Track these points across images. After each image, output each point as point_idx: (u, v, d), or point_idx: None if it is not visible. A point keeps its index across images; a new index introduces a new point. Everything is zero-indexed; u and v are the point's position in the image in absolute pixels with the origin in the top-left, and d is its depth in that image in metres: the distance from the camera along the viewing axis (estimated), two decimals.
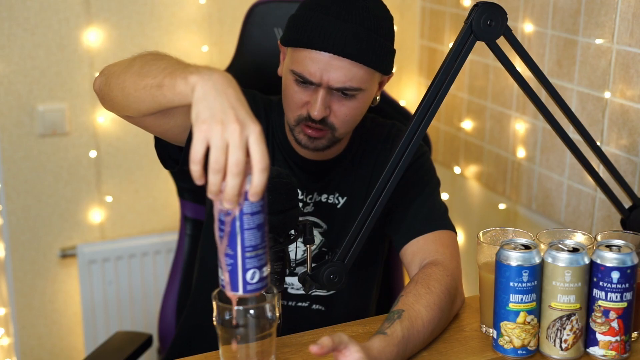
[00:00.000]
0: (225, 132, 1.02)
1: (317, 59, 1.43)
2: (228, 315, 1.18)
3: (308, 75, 1.44)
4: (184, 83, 1.10)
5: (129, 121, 1.40)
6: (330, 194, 1.61)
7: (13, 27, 2.25)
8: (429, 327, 1.34)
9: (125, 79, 1.26)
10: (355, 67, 1.43)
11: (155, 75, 1.19)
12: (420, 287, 1.39)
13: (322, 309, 1.62)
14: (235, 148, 1.02)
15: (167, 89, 1.15)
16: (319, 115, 1.45)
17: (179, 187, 1.96)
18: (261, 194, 1.05)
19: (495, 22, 1.38)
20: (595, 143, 1.54)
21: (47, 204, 2.40)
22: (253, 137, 1.03)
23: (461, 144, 2.55)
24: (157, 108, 1.24)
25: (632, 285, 1.29)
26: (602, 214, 1.97)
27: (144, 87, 1.21)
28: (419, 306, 1.35)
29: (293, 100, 1.48)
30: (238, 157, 1.02)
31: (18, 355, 2.44)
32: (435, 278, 1.41)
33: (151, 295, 2.54)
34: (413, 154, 1.40)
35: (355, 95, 1.46)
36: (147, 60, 1.25)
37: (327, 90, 1.45)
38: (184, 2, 2.42)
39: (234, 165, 1.02)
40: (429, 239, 1.52)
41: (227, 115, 1.04)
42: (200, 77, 1.08)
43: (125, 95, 1.28)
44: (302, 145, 1.51)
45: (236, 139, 1.02)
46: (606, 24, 1.89)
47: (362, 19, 1.43)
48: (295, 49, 1.46)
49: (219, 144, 1.02)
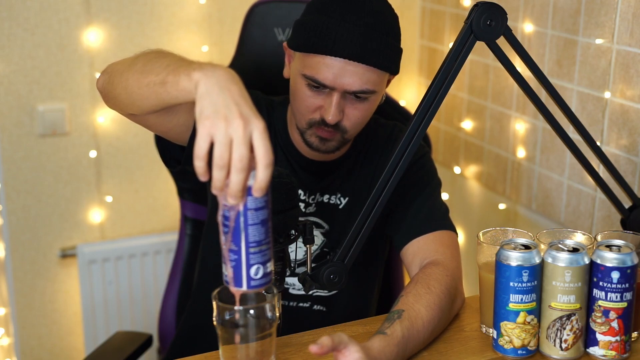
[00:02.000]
0: (229, 127, 1.03)
1: (332, 65, 1.42)
2: (228, 315, 1.18)
3: (322, 80, 1.43)
4: (187, 80, 1.11)
5: (132, 119, 1.40)
6: (332, 195, 1.61)
7: (13, 27, 2.25)
8: (429, 327, 1.34)
9: (129, 77, 1.26)
10: (369, 71, 1.43)
11: (158, 72, 1.19)
12: (421, 287, 1.39)
13: (323, 309, 1.62)
14: (239, 144, 1.02)
15: (170, 86, 1.15)
16: (334, 120, 1.45)
17: (179, 187, 1.96)
18: (265, 190, 1.05)
19: (495, 22, 1.38)
20: (595, 143, 1.54)
21: (47, 204, 2.40)
22: (257, 132, 1.04)
23: (461, 144, 2.55)
24: (161, 105, 1.24)
25: (632, 285, 1.29)
26: (602, 214, 1.97)
27: (147, 84, 1.21)
28: (419, 306, 1.35)
29: (305, 104, 1.48)
30: (242, 153, 1.02)
31: (18, 355, 2.44)
32: (435, 278, 1.41)
33: (151, 295, 2.54)
34: (413, 154, 1.40)
35: (368, 97, 1.46)
36: (150, 58, 1.25)
37: (342, 94, 1.45)
38: (184, 2, 2.42)
39: (238, 160, 1.02)
40: (429, 239, 1.52)
41: (230, 111, 1.04)
42: (203, 74, 1.08)
43: (128, 93, 1.28)
44: (313, 147, 1.51)
45: (240, 134, 1.02)
46: (606, 24, 1.89)
47: (373, 21, 1.43)
48: (308, 55, 1.45)
49: (223, 139, 1.02)
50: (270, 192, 1.10)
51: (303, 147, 1.57)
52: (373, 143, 1.63)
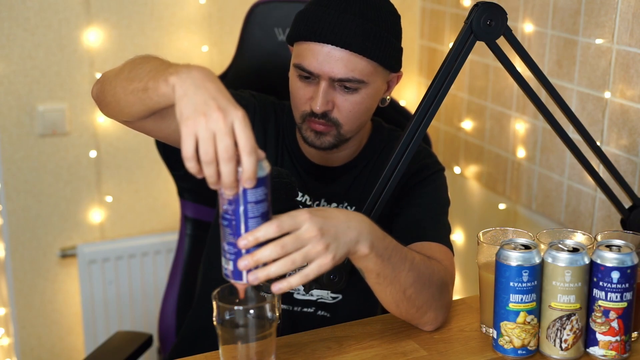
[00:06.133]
0: (210, 122, 1.05)
1: (318, 51, 1.43)
2: (228, 315, 1.18)
3: (307, 66, 1.44)
4: (165, 85, 1.14)
5: (129, 126, 1.42)
6: (339, 204, 1.59)
7: (13, 27, 2.25)
8: (414, 270, 1.31)
9: (117, 85, 1.29)
10: (355, 58, 1.42)
11: (141, 78, 1.22)
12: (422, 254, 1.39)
13: (327, 315, 1.60)
14: (221, 135, 1.05)
15: (152, 92, 1.18)
16: (321, 109, 1.44)
17: (179, 187, 1.96)
18: (254, 178, 1.07)
19: (495, 22, 1.38)
20: (595, 143, 1.54)
21: (47, 204, 2.40)
22: (237, 122, 1.06)
23: (461, 144, 2.55)
24: (147, 111, 1.27)
25: (632, 285, 1.29)
26: (602, 214, 1.97)
27: (132, 91, 1.24)
28: (416, 254, 1.35)
29: (297, 96, 1.48)
30: (226, 144, 1.05)
31: (18, 355, 2.44)
32: (435, 262, 1.40)
33: (151, 295, 2.54)
34: (413, 154, 1.39)
35: (358, 89, 1.45)
36: (135, 64, 1.28)
37: (329, 83, 1.44)
38: (184, 2, 2.42)
39: (224, 151, 1.05)
40: (432, 246, 1.47)
41: (208, 106, 1.07)
42: (178, 77, 1.11)
43: (117, 101, 1.31)
44: (308, 142, 1.50)
45: (221, 126, 1.05)
46: (606, 24, 1.89)
47: (363, 11, 1.43)
48: (298, 44, 1.47)
49: (205, 135, 1.05)
50: (269, 185, 1.11)
51: (309, 151, 1.57)
52: (384, 153, 1.61)
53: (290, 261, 1.12)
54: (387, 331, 1.42)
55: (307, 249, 1.13)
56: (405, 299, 1.33)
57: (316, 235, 1.14)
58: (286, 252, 1.12)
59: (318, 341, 1.38)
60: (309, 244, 1.14)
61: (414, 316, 1.38)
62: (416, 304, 1.35)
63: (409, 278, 1.31)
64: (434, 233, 1.49)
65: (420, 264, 1.33)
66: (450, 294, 1.43)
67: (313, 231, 1.14)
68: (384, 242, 1.26)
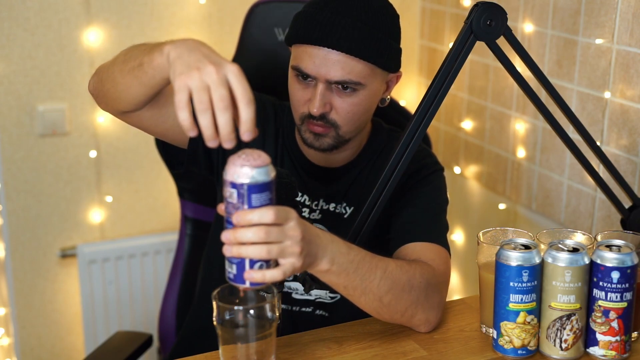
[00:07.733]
0: (203, 75, 1.06)
1: (314, 54, 1.43)
2: (228, 315, 1.18)
3: (305, 68, 1.44)
4: (160, 55, 1.16)
5: (127, 121, 1.42)
6: (338, 204, 1.59)
7: (13, 27, 2.25)
8: (387, 278, 1.29)
9: (114, 70, 1.31)
10: (352, 60, 1.42)
11: (136, 57, 1.24)
12: (402, 260, 1.38)
13: (326, 314, 1.60)
14: (216, 86, 1.06)
15: (147, 66, 1.20)
16: (318, 111, 1.44)
17: (179, 187, 1.96)
18: (252, 128, 1.07)
19: (495, 22, 1.38)
20: (595, 143, 1.54)
21: (47, 204, 2.40)
22: (231, 74, 1.07)
23: (461, 144, 2.55)
24: (145, 91, 1.27)
25: (632, 285, 1.29)
26: (602, 214, 1.97)
27: (129, 70, 1.26)
28: (392, 261, 1.33)
29: (296, 97, 1.48)
30: (221, 93, 1.06)
31: (18, 355, 2.44)
32: (418, 265, 1.38)
33: (151, 295, 2.54)
34: (413, 154, 1.39)
35: (355, 90, 1.45)
36: (131, 49, 1.31)
37: (326, 85, 1.44)
38: (184, 2, 2.42)
39: (219, 101, 1.05)
40: (425, 246, 1.46)
41: (202, 62, 1.08)
42: (172, 45, 1.14)
43: (115, 85, 1.32)
44: (308, 144, 1.50)
45: (214, 78, 1.06)
46: (606, 24, 1.89)
47: (359, 13, 1.43)
48: (296, 46, 1.47)
49: (199, 85, 1.06)
50: (274, 190, 1.10)
51: (309, 152, 1.57)
52: (384, 154, 1.60)
53: (266, 250, 1.10)
54: (387, 331, 1.42)
55: (285, 245, 1.13)
56: (384, 306, 1.32)
57: (298, 235, 1.14)
58: (267, 240, 1.10)
59: (318, 341, 1.38)
60: (289, 241, 1.13)
61: (401, 320, 1.38)
62: (398, 310, 1.34)
63: (383, 286, 1.30)
64: (429, 233, 1.48)
65: (396, 271, 1.32)
66: (441, 294, 1.41)
67: (297, 231, 1.14)
68: (348, 256, 1.25)
